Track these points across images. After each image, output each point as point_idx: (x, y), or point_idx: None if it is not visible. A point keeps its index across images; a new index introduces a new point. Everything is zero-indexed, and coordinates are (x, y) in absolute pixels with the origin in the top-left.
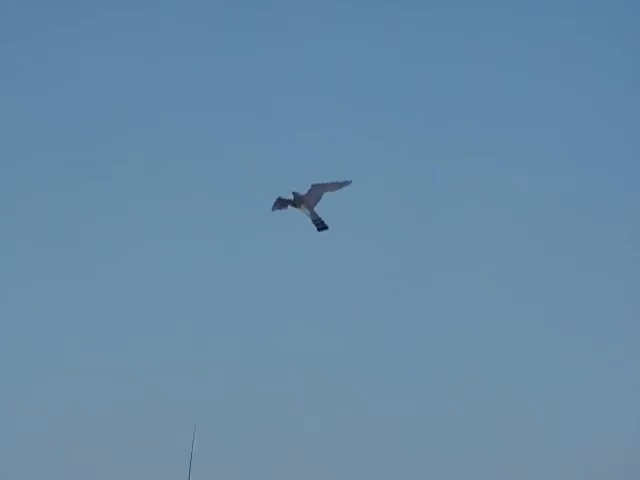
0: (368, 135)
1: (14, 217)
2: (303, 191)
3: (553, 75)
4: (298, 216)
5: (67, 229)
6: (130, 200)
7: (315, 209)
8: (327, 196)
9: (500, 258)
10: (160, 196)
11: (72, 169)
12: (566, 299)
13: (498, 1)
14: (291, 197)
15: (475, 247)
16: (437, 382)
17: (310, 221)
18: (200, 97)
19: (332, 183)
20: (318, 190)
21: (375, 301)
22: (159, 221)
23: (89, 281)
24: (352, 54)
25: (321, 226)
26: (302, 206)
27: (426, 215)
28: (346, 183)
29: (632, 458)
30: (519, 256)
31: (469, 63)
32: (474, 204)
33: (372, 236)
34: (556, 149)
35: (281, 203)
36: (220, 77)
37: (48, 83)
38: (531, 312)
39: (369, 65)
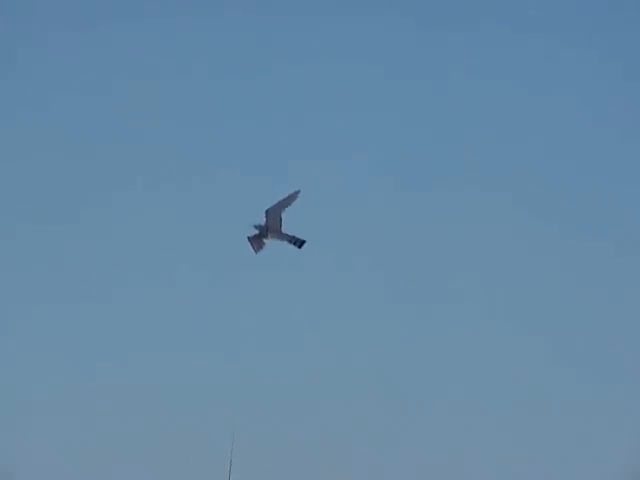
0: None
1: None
2: (261, 220)
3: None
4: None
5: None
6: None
7: (283, 230)
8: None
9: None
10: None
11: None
12: (563, 332)
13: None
14: (256, 232)
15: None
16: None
17: (286, 244)
18: (195, 121)
19: (282, 200)
20: (274, 213)
21: (368, 325)
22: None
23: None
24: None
25: (299, 243)
26: (269, 234)
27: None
28: (296, 193)
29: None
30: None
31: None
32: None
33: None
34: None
35: (256, 242)
36: (212, 102)
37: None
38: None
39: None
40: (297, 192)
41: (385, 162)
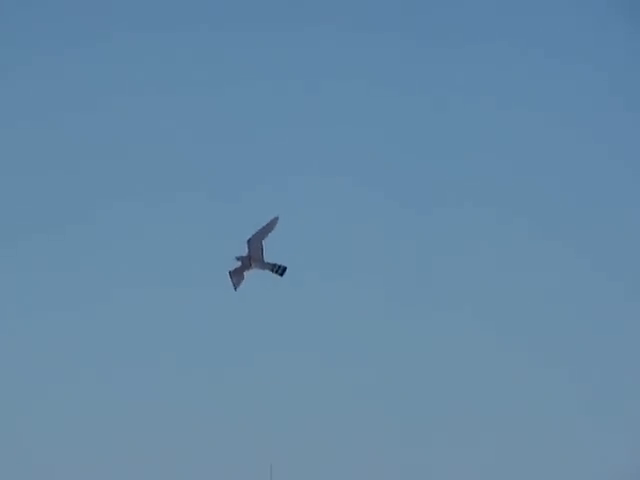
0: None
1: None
2: (244, 252)
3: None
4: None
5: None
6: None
7: (264, 259)
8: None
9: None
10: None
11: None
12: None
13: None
14: (239, 264)
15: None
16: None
17: (269, 272)
18: (186, 136)
19: (262, 228)
20: (255, 242)
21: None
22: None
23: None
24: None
25: (280, 270)
26: (252, 264)
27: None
28: (274, 221)
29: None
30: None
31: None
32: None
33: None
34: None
35: (237, 276)
36: (200, 117)
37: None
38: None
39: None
40: (276, 219)
41: (377, 178)
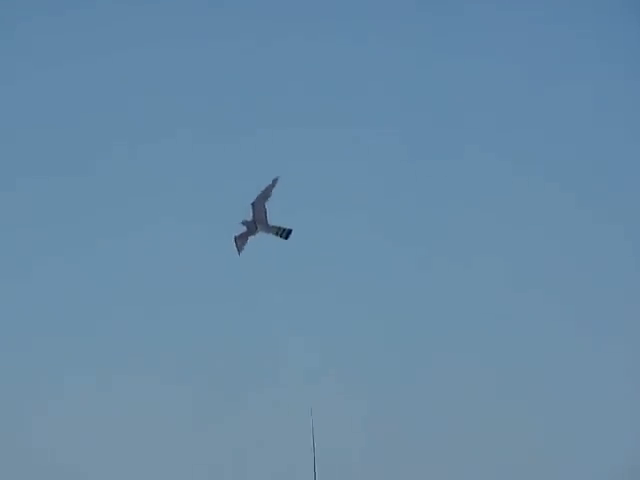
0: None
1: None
2: (248, 216)
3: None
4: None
5: None
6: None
7: (269, 222)
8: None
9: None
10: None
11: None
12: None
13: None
14: (244, 228)
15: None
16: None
17: (273, 236)
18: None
19: (263, 190)
20: (259, 205)
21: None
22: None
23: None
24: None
25: (286, 233)
26: (258, 228)
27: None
28: (275, 181)
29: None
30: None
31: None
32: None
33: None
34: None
35: (241, 241)
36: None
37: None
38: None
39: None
40: (275, 180)
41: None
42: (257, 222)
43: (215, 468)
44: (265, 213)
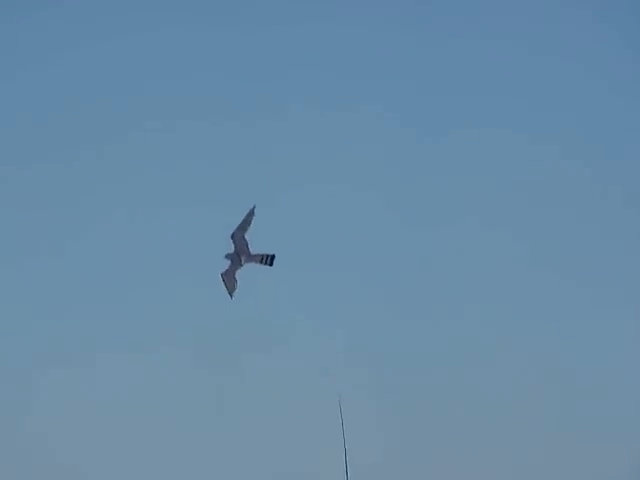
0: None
1: None
2: (230, 249)
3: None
4: None
5: None
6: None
7: (251, 252)
8: None
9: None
10: None
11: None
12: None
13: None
14: (228, 263)
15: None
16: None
17: (259, 264)
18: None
19: (242, 221)
20: (239, 235)
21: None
22: None
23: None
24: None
25: (270, 260)
26: (242, 259)
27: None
28: (252, 211)
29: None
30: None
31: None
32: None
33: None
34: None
35: (229, 279)
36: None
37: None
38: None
39: None
40: (253, 208)
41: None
42: (240, 254)
43: (246, 456)
44: (246, 244)
